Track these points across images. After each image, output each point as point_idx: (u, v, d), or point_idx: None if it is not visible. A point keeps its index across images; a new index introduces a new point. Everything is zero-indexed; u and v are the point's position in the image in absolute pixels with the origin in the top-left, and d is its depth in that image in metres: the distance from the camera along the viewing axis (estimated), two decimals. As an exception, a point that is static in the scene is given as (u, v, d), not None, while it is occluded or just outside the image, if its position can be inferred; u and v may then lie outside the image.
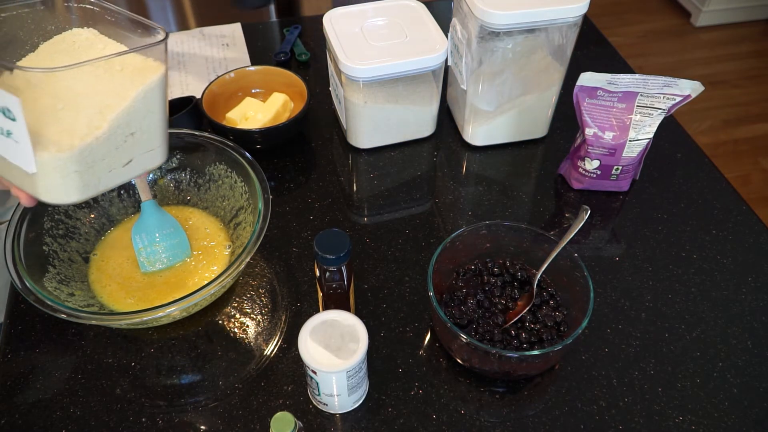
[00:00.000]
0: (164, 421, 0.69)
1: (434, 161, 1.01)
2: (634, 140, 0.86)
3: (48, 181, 0.59)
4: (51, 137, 0.57)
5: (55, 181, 0.59)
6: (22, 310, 0.78)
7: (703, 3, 2.74)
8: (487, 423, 0.69)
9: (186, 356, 0.75)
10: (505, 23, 0.83)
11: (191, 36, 1.23)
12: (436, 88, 0.96)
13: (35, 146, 0.56)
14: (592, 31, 1.26)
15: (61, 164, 0.58)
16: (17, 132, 0.56)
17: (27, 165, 0.58)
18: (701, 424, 0.69)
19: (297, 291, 0.81)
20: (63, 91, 0.57)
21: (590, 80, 0.87)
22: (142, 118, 0.62)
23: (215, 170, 0.86)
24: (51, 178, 0.59)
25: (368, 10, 0.98)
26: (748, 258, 0.85)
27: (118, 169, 0.63)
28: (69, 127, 0.57)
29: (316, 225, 0.89)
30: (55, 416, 0.69)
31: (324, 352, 0.62)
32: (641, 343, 0.76)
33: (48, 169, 0.58)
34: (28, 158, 0.57)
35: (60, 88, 0.57)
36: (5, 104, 0.55)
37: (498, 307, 0.75)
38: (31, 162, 0.57)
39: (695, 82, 0.85)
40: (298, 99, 1.01)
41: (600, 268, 0.84)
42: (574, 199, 0.94)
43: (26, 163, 0.58)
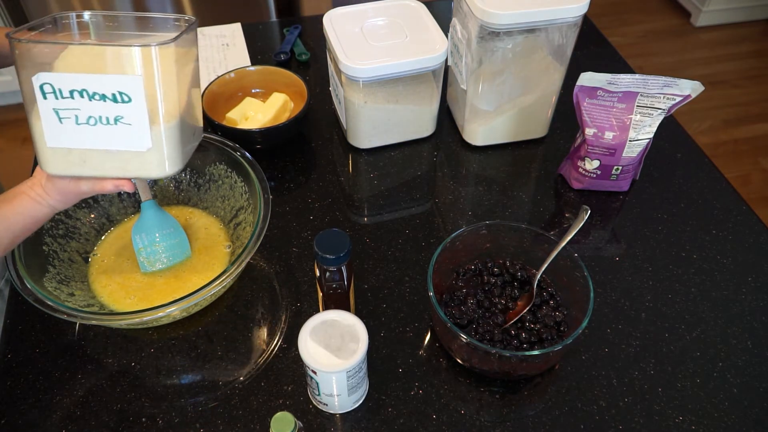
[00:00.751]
0: (164, 421, 0.69)
1: (434, 161, 1.01)
2: (634, 140, 0.86)
3: (159, 154, 0.64)
4: (156, 110, 0.62)
5: (166, 151, 0.64)
6: (22, 310, 0.78)
7: (703, 3, 2.74)
8: (487, 423, 0.69)
9: (186, 356, 0.75)
10: (505, 23, 0.83)
11: (191, 36, 1.23)
12: (436, 88, 0.96)
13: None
14: (592, 31, 1.26)
15: (171, 133, 0.63)
16: (131, 113, 0.61)
17: (142, 143, 0.63)
18: (701, 424, 0.69)
19: (297, 291, 0.81)
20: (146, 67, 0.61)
21: (590, 80, 0.87)
22: (195, 90, 0.70)
23: (215, 170, 0.86)
24: (163, 149, 0.64)
25: (368, 10, 0.97)
26: (748, 258, 0.85)
27: (191, 138, 0.70)
28: (166, 98, 0.62)
29: (316, 225, 0.89)
30: (55, 416, 0.69)
31: (324, 352, 0.62)
32: (641, 343, 0.76)
33: (160, 142, 0.63)
34: (143, 135, 0.62)
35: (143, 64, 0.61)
36: (119, 87, 0.60)
37: (498, 307, 0.75)
38: (146, 138, 0.62)
39: (695, 82, 0.85)
40: (298, 99, 1.01)
41: (600, 268, 0.84)
42: (574, 199, 0.94)
43: (141, 142, 0.63)
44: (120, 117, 0.61)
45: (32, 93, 0.60)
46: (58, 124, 0.62)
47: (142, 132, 0.62)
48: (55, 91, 0.60)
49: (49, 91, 0.60)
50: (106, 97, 0.60)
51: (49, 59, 0.61)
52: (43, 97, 0.60)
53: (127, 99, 0.60)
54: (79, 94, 0.60)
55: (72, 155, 0.63)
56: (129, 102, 0.60)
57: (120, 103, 0.60)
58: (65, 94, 0.60)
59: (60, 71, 0.60)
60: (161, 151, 0.64)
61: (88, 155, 0.64)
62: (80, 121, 0.62)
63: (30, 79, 0.60)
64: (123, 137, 0.62)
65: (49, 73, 0.60)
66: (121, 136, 0.62)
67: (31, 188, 0.67)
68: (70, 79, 0.60)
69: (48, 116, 0.61)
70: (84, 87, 0.60)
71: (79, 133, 0.62)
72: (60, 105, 0.61)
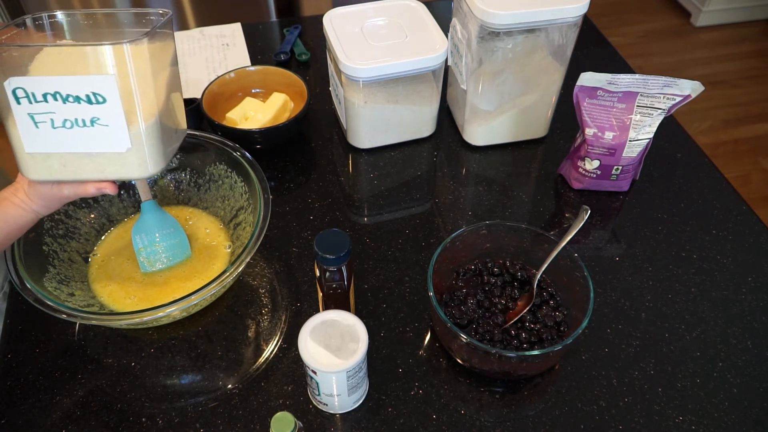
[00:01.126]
0: (164, 421, 0.69)
1: (434, 161, 1.01)
2: (634, 140, 0.86)
3: (140, 153, 0.63)
4: (133, 110, 0.60)
5: (146, 150, 0.63)
6: (22, 310, 0.78)
7: (703, 3, 2.74)
8: (487, 423, 0.69)
9: (186, 356, 0.75)
10: (505, 23, 0.83)
11: (191, 36, 1.22)
12: (436, 88, 0.96)
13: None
14: (592, 31, 1.26)
15: (151, 131, 0.62)
16: (107, 114, 0.59)
17: (121, 144, 0.61)
18: (701, 424, 0.69)
19: (297, 291, 0.81)
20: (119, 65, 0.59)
21: (590, 80, 0.87)
22: (174, 86, 0.68)
23: (215, 170, 0.86)
24: (143, 149, 0.63)
25: (368, 10, 0.97)
26: (748, 258, 0.85)
27: (173, 137, 0.69)
28: (142, 96, 0.61)
29: (316, 225, 0.89)
30: (55, 416, 0.69)
31: (324, 352, 0.62)
32: (641, 343, 0.76)
33: (139, 141, 0.62)
34: (122, 136, 0.61)
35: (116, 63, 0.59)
36: (93, 88, 0.58)
37: (498, 307, 0.75)
38: (125, 139, 0.61)
39: (695, 82, 0.85)
40: (298, 99, 1.01)
41: (600, 268, 0.84)
42: (574, 199, 0.94)
43: (120, 143, 0.61)
44: (96, 118, 0.60)
45: (6, 98, 0.59)
46: (34, 128, 0.60)
47: (120, 132, 0.61)
48: (28, 96, 0.59)
49: (23, 96, 0.59)
50: (80, 99, 0.59)
51: (23, 63, 0.59)
52: (16, 102, 0.59)
53: (102, 99, 0.59)
54: (52, 97, 0.59)
55: (51, 160, 0.62)
56: (104, 102, 0.59)
57: (95, 104, 0.59)
58: (39, 98, 0.59)
59: (34, 74, 0.59)
60: (141, 151, 0.63)
61: (68, 159, 0.62)
62: (56, 125, 0.60)
63: (2, 85, 0.58)
64: (101, 139, 0.61)
65: (21, 77, 0.58)
66: (99, 138, 0.61)
67: (14, 194, 0.66)
68: (42, 82, 0.58)
69: (23, 121, 0.60)
70: (57, 89, 0.58)
71: (57, 137, 0.61)
72: (34, 109, 0.59)
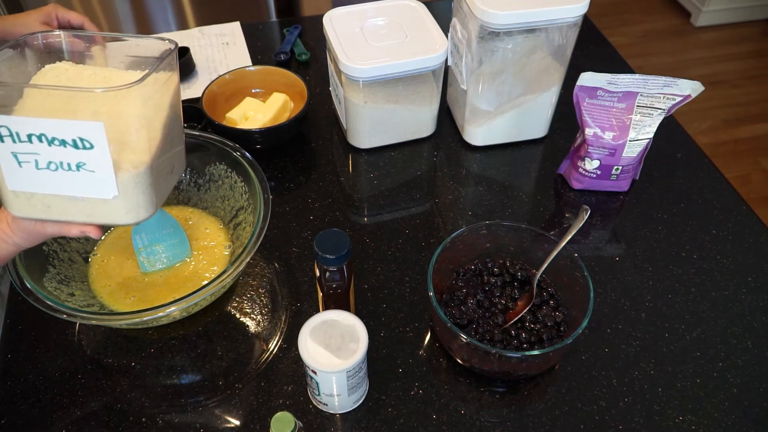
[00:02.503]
0: (164, 421, 0.69)
1: (434, 161, 1.01)
2: (634, 140, 0.86)
3: (129, 201, 0.60)
4: (122, 156, 0.58)
5: (135, 199, 0.60)
6: (22, 310, 0.78)
7: (703, 3, 2.74)
8: (487, 423, 0.69)
9: (186, 356, 0.75)
10: (505, 23, 0.83)
11: (191, 35, 1.22)
12: (436, 88, 0.96)
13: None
14: (592, 31, 1.26)
15: (141, 179, 0.59)
16: (94, 160, 0.56)
17: (107, 191, 0.58)
18: (701, 424, 0.69)
19: (297, 291, 0.81)
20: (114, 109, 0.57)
21: (590, 80, 0.87)
22: (173, 125, 0.65)
23: (215, 170, 0.86)
24: (132, 196, 0.60)
25: (368, 10, 0.97)
26: (748, 258, 0.85)
27: (167, 177, 0.66)
28: (134, 142, 0.58)
29: (316, 225, 0.89)
30: (55, 416, 0.69)
31: (324, 352, 0.62)
32: (641, 343, 0.76)
33: (128, 188, 0.59)
34: (109, 183, 0.58)
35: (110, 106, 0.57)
36: (80, 134, 0.55)
37: (498, 307, 0.75)
38: (112, 186, 0.58)
39: (695, 82, 0.85)
40: (298, 99, 1.01)
41: (600, 268, 0.84)
42: (574, 199, 0.94)
43: (106, 190, 0.58)
44: (82, 164, 0.57)
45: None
46: (18, 167, 0.58)
47: (106, 180, 0.57)
48: (12, 135, 0.56)
49: (6, 134, 0.56)
50: (66, 143, 0.56)
51: (8, 101, 0.57)
52: (0, 141, 0.56)
53: (89, 146, 0.55)
54: (37, 138, 0.56)
55: (35, 199, 0.60)
56: (91, 149, 0.56)
57: (81, 150, 0.56)
58: (23, 138, 0.56)
59: (22, 111, 0.56)
60: (129, 199, 0.60)
61: (52, 200, 0.60)
62: (41, 166, 0.57)
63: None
64: (87, 184, 0.58)
65: (5, 116, 0.55)
66: (84, 183, 0.58)
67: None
68: (27, 122, 0.55)
69: (6, 159, 0.57)
70: (42, 132, 0.55)
71: (41, 178, 0.58)
72: (18, 149, 0.56)
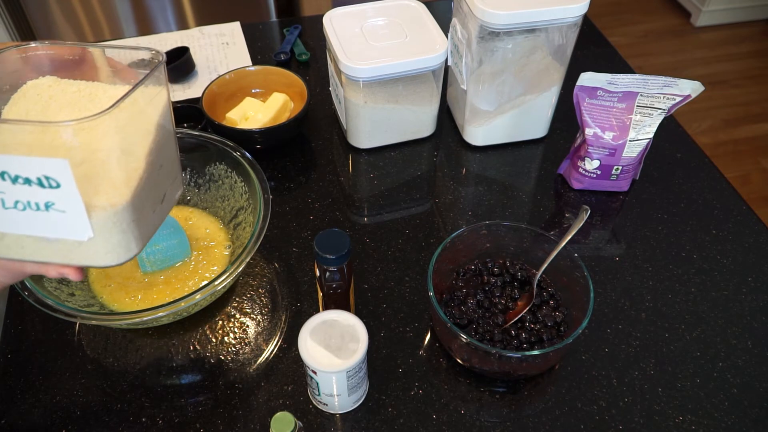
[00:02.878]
0: (164, 421, 0.69)
1: (434, 161, 1.01)
2: (634, 140, 0.86)
3: (108, 241, 0.54)
4: (97, 193, 0.52)
5: (115, 238, 0.54)
6: (22, 310, 0.78)
7: (703, 3, 2.74)
8: (487, 423, 0.69)
9: (186, 356, 0.75)
10: (505, 23, 0.83)
11: (191, 35, 1.22)
12: (436, 88, 0.96)
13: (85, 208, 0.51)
14: (592, 31, 1.26)
15: (120, 218, 0.53)
16: (63, 200, 0.50)
17: (81, 232, 0.52)
18: (701, 424, 0.69)
19: (297, 291, 0.81)
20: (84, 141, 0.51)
21: (590, 80, 0.87)
22: (164, 148, 0.58)
23: (215, 170, 0.86)
24: (111, 237, 0.54)
25: (368, 10, 0.97)
26: (748, 258, 0.85)
27: (158, 206, 0.59)
28: (110, 176, 0.52)
29: (316, 225, 0.89)
30: (55, 416, 0.69)
31: (324, 352, 0.62)
32: (641, 343, 0.76)
33: (105, 229, 0.53)
34: (82, 224, 0.51)
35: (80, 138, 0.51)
36: (44, 172, 0.49)
37: (498, 307, 0.75)
38: (86, 227, 0.52)
39: (695, 82, 0.85)
40: (298, 99, 1.01)
41: (600, 268, 0.84)
42: (574, 199, 0.94)
43: (79, 231, 0.52)
44: (51, 203, 0.51)
45: None
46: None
47: (78, 220, 0.51)
48: None
49: None
50: (30, 182, 0.50)
51: None
52: None
53: (55, 184, 0.49)
54: (0, 176, 0.50)
55: (7, 239, 0.54)
56: (58, 187, 0.49)
57: (48, 189, 0.50)
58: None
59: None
60: (107, 239, 0.53)
61: (25, 241, 0.54)
62: (8, 205, 0.52)
63: None
64: (58, 225, 0.52)
65: None
66: (56, 224, 0.52)
67: None
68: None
69: None
70: (4, 169, 0.50)
71: (9, 218, 0.52)
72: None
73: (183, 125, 1.00)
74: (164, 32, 1.23)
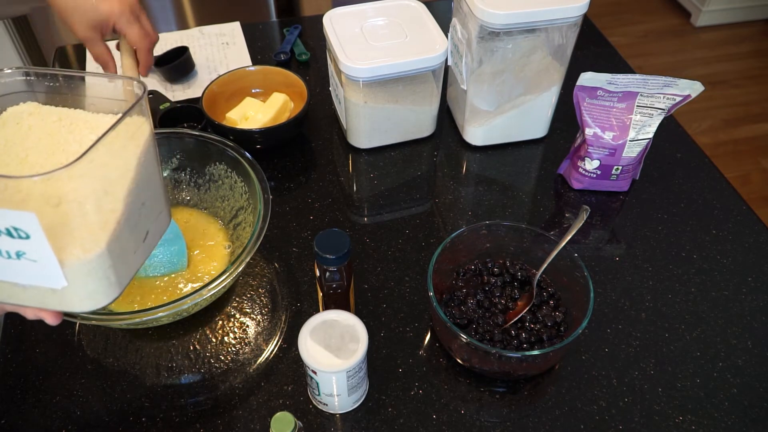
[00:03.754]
0: (164, 421, 0.69)
1: (434, 161, 1.01)
2: (634, 140, 0.86)
3: (84, 288, 0.52)
4: (71, 241, 0.50)
5: (91, 285, 0.52)
6: (22, 310, 0.78)
7: (703, 3, 2.74)
8: (487, 423, 0.69)
9: (186, 356, 0.75)
10: (505, 23, 0.83)
11: (191, 35, 1.22)
12: (436, 88, 0.96)
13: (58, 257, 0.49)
14: (592, 31, 1.26)
15: (95, 265, 0.51)
16: (34, 250, 0.48)
17: (54, 281, 0.50)
18: (701, 424, 0.69)
19: (297, 291, 0.81)
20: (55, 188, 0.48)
21: (590, 80, 0.87)
22: (147, 184, 0.56)
23: (215, 170, 0.86)
24: (86, 284, 0.52)
25: (368, 10, 0.97)
26: (748, 258, 0.85)
27: (141, 246, 0.57)
28: (84, 222, 0.50)
29: (316, 225, 0.89)
30: (55, 416, 0.69)
31: (324, 352, 0.62)
32: (641, 343, 0.76)
33: (80, 276, 0.51)
34: (55, 273, 0.50)
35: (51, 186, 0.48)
36: (12, 223, 0.47)
37: (498, 307, 0.75)
38: (59, 276, 0.50)
39: (695, 82, 0.85)
40: (298, 99, 1.01)
41: (600, 268, 0.84)
42: (574, 199, 0.94)
43: (52, 280, 0.50)
44: (22, 252, 0.49)
45: None
46: None
47: (50, 270, 0.49)
48: None
49: None
50: (9, 229, 0.48)
51: None
52: None
53: (25, 235, 0.48)
54: None
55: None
56: (27, 238, 0.48)
57: (18, 239, 0.48)
58: None
59: None
60: (83, 287, 0.52)
61: (0, 285, 0.53)
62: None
63: None
64: (31, 273, 0.50)
65: None
66: (28, 272, 0.50)
67: None
68: None
69: None
70: None
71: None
72: None
73: (183, 125, 1.00)
74: (164, 32, 1.23)
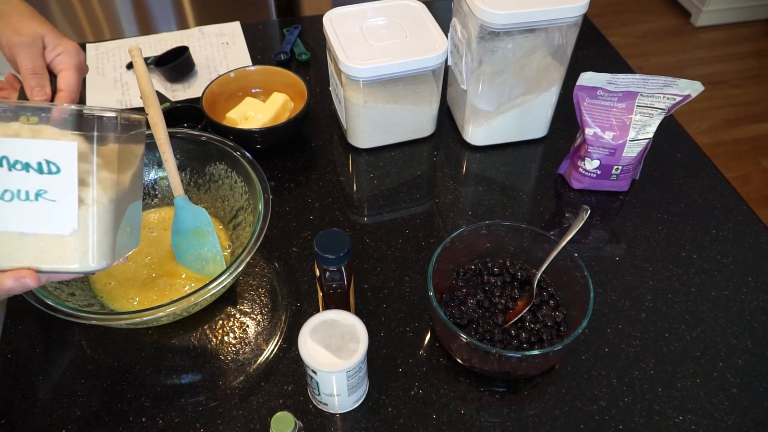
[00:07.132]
0: (164, 421, 0.69)
1: (434, 161, 1.01)
2: (634, 140, 0.86)
3: (84, 240, 0.54)
4: (89, 188, 0.53)
5: (91, 238, 0.54)
6: (22, 310, 0.78)
7: (703, 3, 2.74)
8: (487, 423, 0.69)
9: (186, 356, 0.75)
10: (505, 23, 0.83)
11: (191, 35, 1.22)
12: (436, 88, 0.96)
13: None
14: (592, 31, 1.26)
15: (102, 217, 0.54)
16: (57, 186, 0.51)
17: (65, 225, 0.52)
18: (701, 424, 0.69)
19: (297, 291, 0.81)
20: None
21: (590, 80, 0.87)
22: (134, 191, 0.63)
23: (215, 170, 0.86)
24: (88, 237, 0.54)
25: (368, 10, 0.97)
26: (748, 258, 0.85)
27: (125, 234, 0.60)
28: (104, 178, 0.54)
29: (316, 225, 0.89)
30: (55, 416, 0.69)
31: (324, 352, 0.62)
32: (641, 343, 0.76)
33: (87, 225, 0.53)
34: (69, 215, 0.52)
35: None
36: (48, 155, 0.50)
37: (498, 307, 0.75)
38: (72, 218, 0.52)
39: (695, 82, 0.85)
40: (298, 99, 1.01)
41: (600, 268, 0.84)
42: (574, 199, 0.94)
43: (64, 223, 0.52)
44: (43, 191, 0.51)
45: None
46: None
47: (67, 210, 0.52)
48: None
49: None
50: (29, 167, 0.50)
51: None
52: None
53: (56, 169, 0.51)
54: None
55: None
56: (57, 173, 0.51)
57: (45, 174, 0.51)
58: None
59: None
60: (87, 237, 0.53)
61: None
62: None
63: None
64: (43, 217, 0.52)
65: None
66: (41, 216, 0.52)
67: None
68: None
69: None
70: (4, 153, 0.50)
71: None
72: None
73: (183, 125, 1.00)
74: (164, 32, 1.23)
